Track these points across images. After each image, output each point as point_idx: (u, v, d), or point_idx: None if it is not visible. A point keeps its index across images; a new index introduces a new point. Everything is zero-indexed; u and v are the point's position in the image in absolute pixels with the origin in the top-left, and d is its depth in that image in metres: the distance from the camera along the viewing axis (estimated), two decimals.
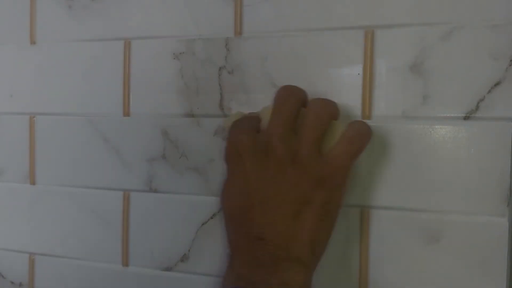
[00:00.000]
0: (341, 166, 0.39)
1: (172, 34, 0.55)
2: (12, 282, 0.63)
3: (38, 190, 0.61)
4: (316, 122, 0.40)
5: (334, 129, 0.41)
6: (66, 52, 0.59)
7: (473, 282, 0.44)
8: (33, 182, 0.61)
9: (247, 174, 0.39)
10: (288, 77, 0.50)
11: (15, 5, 0.62)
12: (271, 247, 0.37)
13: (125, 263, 0.57)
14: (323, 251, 0.42)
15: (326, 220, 0.40)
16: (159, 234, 0.56)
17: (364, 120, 0.47)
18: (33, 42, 0.61)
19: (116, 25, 0.57)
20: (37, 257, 0.62)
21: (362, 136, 0.41)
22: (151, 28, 0.55)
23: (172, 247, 0.55)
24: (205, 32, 0.53)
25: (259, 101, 0.51)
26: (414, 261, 0.46)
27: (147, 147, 0.56)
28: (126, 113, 0.56)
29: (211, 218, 0.53)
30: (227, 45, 0.52)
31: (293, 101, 0.41)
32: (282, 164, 0.39)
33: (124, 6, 0.57)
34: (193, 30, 0.54)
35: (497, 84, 0.43)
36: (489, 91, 0.44)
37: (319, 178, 0.38)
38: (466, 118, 0.44)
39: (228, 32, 0.52)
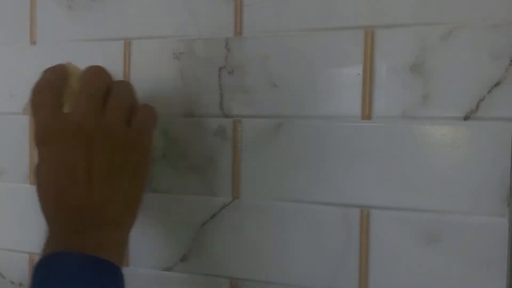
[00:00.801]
0: (147, 131, 0.46)
1: (172, 34, 0.55)
2: (12, 282, 0.63)
3: None
4: (122, 99, 0.45)
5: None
6: (66, 52, 0.59)
7: (473, 282, 0.44)
8: (33, 182, 0.61)
9: (62, 155, 0.43)
10: (288, 77, 0.50)
11: (15, 5, 0.62)
12: (87, 215, 0.42)
13: (125, 263, 0.57)
14: (138, 208, 0.46)
15: (138, 181, 0.45)
16: (159, 234, 0.56)
17: (364, 120, 0.47)
18: (33, 42, 0.61)
19: (116, 25, 0.57)
20: (37, 257, 0.61)
21: (152, 107, 0.48)
22: (151, 28, 0.55)
23: (172, 247, 0.55)
24: (205, 32, 0.53)
25: (259, 101, 0.51)
26: (414, 261, 0.46)
27: None
28: None
29: (211, 218, 0.53)
30: (227, 45, 0.52)
31: (100, 80, 0.45)
32: (93, 139, 0.42)
33: (124, 6, 0.57)
34: (193, 30, 0.54)
35: (497, 84, 0.43)
36: (489, 91, 0.44)
37: (129, 145, 0.44)
38: (466, 118, 0.44)
39: (228, 32, 0.52)
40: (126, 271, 0.57)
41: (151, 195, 0.56)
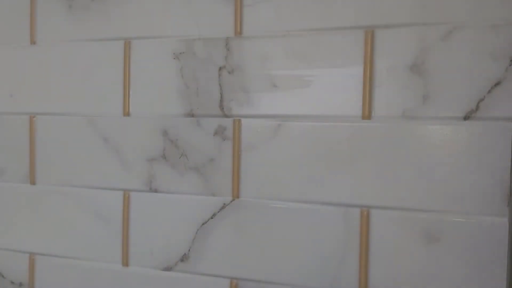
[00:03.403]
0: None
1: (172, 34, 0.55)
2: (12, 282, 0.63)
3: (38, 190, 0.61)
4: None
5: None
6: (66, 52, 0.59)
7: (473, 282, 0.44)
8: (33, 182, 0.61)
9: None
10: (288, 77, 0.50)
11: (15, 5, 0.62)
12: None
13: (125, 263, 0.57)
14: None
15: None
16: (159, 234, 0.56)
17: (364, 120, 0.47)
18: (33, 42, 0.61)
19: (116, 25, 0.57)
20: (37, 257, 0.62)
21: None
22: (151, 28, 0.55)
23: (172, 247, 0.55)
24: (205, 32, 0.53)
25: (259, 101, 0.51)
26: (414, 261, 0.46)
27: (147, 147, 0.56)
28: (126, 113, 0.56)
29: (211, 218, 0.53)
30: (227, 45, 0.52)
31: None
32: None
33: (124, 6, 0.57)
34: (193, 30, 0.54)
35: (497, 84, 0.43)
36: (489, 91, 0.44)
37: None
38: (466, 118, 0.44)
39: (228, 32, 0.52)
40: (126, 271, 0.57)
41: (151, 195, 0.56)
